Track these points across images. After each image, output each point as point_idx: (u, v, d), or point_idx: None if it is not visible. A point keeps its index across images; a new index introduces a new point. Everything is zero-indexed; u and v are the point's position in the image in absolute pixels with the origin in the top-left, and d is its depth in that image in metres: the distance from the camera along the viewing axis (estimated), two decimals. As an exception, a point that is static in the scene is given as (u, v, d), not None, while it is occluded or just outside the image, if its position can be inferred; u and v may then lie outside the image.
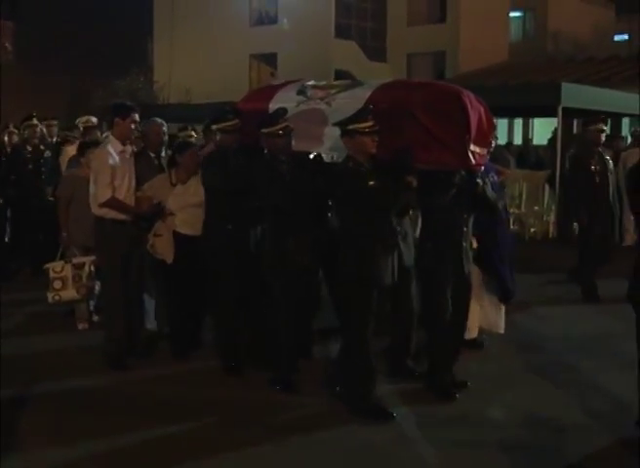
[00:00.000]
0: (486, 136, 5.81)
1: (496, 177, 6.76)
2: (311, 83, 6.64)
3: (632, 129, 14.93)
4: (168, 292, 6.89)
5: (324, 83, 6.90)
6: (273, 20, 32.08)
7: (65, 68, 34.66)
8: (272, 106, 6.33)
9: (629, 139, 16.00)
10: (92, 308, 7.75)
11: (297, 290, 5.98)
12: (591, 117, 9.40)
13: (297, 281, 5.95)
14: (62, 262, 7.16)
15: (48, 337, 7.27)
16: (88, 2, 34.05)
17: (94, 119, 10.25)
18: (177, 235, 6.61)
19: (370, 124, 5.39)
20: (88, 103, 27.20)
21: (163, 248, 6.63)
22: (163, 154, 7.17)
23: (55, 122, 11.31)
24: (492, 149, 6.14)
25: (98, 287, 7.22)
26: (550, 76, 22.50)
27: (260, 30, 31.88)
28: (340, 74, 29.93)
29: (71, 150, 9.32)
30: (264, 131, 5.94)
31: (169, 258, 6.60)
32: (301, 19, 29.88)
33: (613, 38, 39.89)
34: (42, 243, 9.84)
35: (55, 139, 10.89)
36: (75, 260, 7.16)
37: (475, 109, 5.62)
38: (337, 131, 5.62)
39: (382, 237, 5.43)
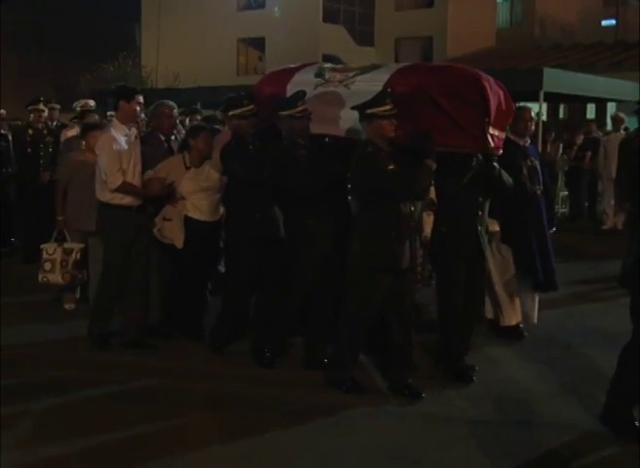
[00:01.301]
0: (505, 119, 5.79)
1: (537, 162, 6.73)
2: (329, 65, 6.60)
3: (613, 113, 15.04)
4: (174, 276, 6.77)
5: (342, 66, 6.82)
6: (261, 5, 32.02)
7: (52, 53, 34.61)
8: (290, 89, 6.23)
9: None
10: (77, 296, 7.74)
11: (317, 275, 5.94)
12: None
13: (317, 266, 5.92)
14: (56, 244, 7.13)
15: (35, 326, 7.20)
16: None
17: (91, 102, 10.21)
18: (188, 220, 6.49)
19: (389, 107, 5.33)
20: (75, 88, 27.12)
21: (172, 232, 6.52)
22: (173, 138, 7.08)
23: (57, 106, 11.19)
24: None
25: (82, 276, 7.23)
26: (537, 62, 22.61)
27: (248, 15, 31.83)
28: (328, 59, 30.01)
29: (70, 133, 9.32)
30: (283, 113, 5.88)
31: (179, 243, 6.48)
32: (290, 4, 29.87)
33: (600, 23, 39.94)
34: (34, 228, 9.78)
35: (55, 123, 10.85)
36: (66, 245, 7.12)
37: (494, 93, 5.57)
38: (355, 114, 5.55)
39: (400, 220, 5.37)
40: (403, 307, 5.54)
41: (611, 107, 20.60)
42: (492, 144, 5.57)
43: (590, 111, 21.03)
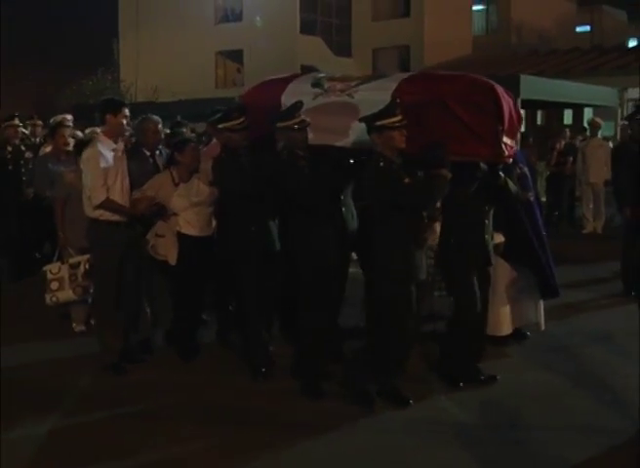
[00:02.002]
0: (515, 127, 5.74)
1: (526, 168, 6.68)
2: (324, 75, 6.44)
3: (590, 119, 15.16)
4: (169, 292, 6.69)
5: (339, 75, 6.68)
6: (238, 18, 32.11)
7: (31, 68, 34.53)
8: (285, 100, 6.12)
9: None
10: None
11: (320, 287, 5.80)
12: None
13: (321, 278, 5.77)
14: (59, 263, 6.95)
15: (45, 344, 7.10)
16: (53, 1, 33.89)
17: (69, 117, 10.16)
18: (180, 236, 6.39)
19: (399, 118, 5.23)
20: (54, 103, 27.09)
21: (166, 249, 6.43)
22: (158, 153, 6.92)
23: (40, 122, 11.07)
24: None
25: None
26: (513, 69, 22.74)
27: (226, 28, 31.92)
28: (305, 70, 30.12)
29: (47, 149, 9.22)
30: (280, 124, 5.75)
31: (172, 260, 6.40)
32: (267, 16, 29.99)
33: (575, 30, 40.32)
34: (23, 245, 9.61)
35: (38, 139, 10.72)
36: (71, 260, 6.94)
37: (506, 101, 5.52)
38: (362, 123, 5.45)
39: (418, 232, 5.38)
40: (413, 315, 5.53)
41: (588, 113, 20.81)
42: (506, 153, 5.52)
43: (568, 117, 21.23)
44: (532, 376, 6.16)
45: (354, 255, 6.52)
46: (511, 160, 5.80)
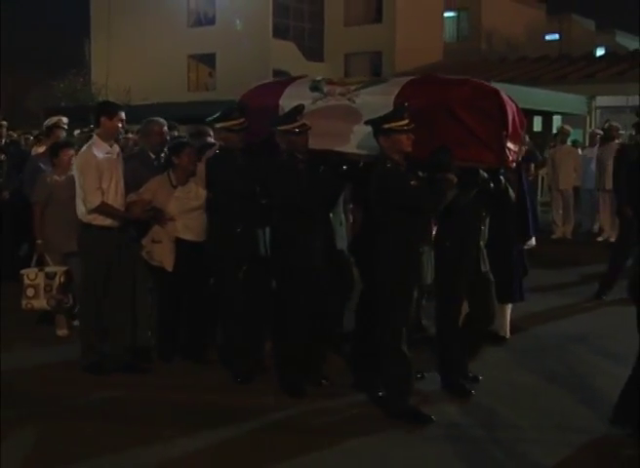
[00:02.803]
0: (518, 133, 5.65)
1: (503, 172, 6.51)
2: (321, 78, 6.33)
3: (559, 126, 15.38)
4: (163, 300, 6.47)
5: (338, 79, 6.53)
6: (211, 21, 32.14)
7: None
8: (283, 103, 6.04)
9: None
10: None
11: (310, 292, 5.72)
12: None
13: (311, 283, 5.70)
14: (37, 270, 6.81)
15: (26, 349, 6.94)
16: (24, 2, 33.69)
17: (64, 119, 10.03)
18: (179, 241, 6.22)
19: (406, 122, 5.18)
20: (23, 104, 26.92)
21: (162, 254, 6.23)
22: (163, 155, 6.71)
23: (4, 123, 11.01)
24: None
25: (67, 300, 6.87)
26: (484, 76, 22.90)
27: (199, 31, 31.92)
28: (278, 74, 30.20)
29: (39, 150, 9.10)
30: (281, 128, 5.68)
31: (169, 266, 6.21)
32: (239, 20, 30.02)
33: (544, 38, 40.78)
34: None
35: (4, 141, 10.67)
36: (48, 269, 6.80)
37: (510, 106, 5.47)
38: (364, 128, 5.41)
39: (423, 236, 5.33)
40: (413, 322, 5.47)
41: (557, 120, 21.05)
42: (510, 158, 5.48)
43: (537, 124, 21.45)
44: (510, 377, 6.24)
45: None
46: (514, 165, 5.75)
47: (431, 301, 6.37)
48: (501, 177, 5.68)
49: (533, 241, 7.18)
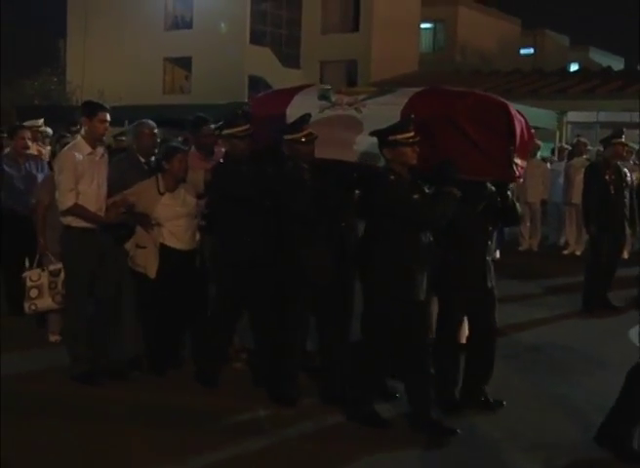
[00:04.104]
0: (526, 147, 5.60)
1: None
2: (329, 87, 6.28)
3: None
4: (146, 307, 6.33)
5: (346, 89, 6.55)
6: (188, 25, 32.13)
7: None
8: (290, 112, 5.99)
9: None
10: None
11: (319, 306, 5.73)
12: (616, 131, 9.39)
13: (319, 295, 5.69)
14: (39, 270, 6.64)
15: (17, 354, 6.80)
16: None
17: (40, 121, 9.90)
18: (163, 248, 6.09)
19: (411, 134, 5.14)
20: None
21: (146, 260, 6.10)
22: (153, 158, 6.59)
23: None
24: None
25: None
26: (457, 87, 23.18)
27: (175, 34, 31.88)
28: (253, 79, 30.29)
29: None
30: (287, 137, 5.65)
31: (152, 272, 6.08)
32: (216, 25, 30.06)
33: (519, 52, 41.19)
34: None
35: None
36: (52, 267, 6.61)
37: (518, 121, 5.41)
38: (369, 138, 5.38)
39: (422, 251, 5.26)
40: (415, 340, 5.36)
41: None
42: (517, 173, 5.41)
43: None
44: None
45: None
46: (521, 180, 5.76)
47: None
48: (509, 193, 5.64)
49: (497, 253, 7.26)
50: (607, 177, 9.03)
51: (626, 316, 8.71)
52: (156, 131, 6.64)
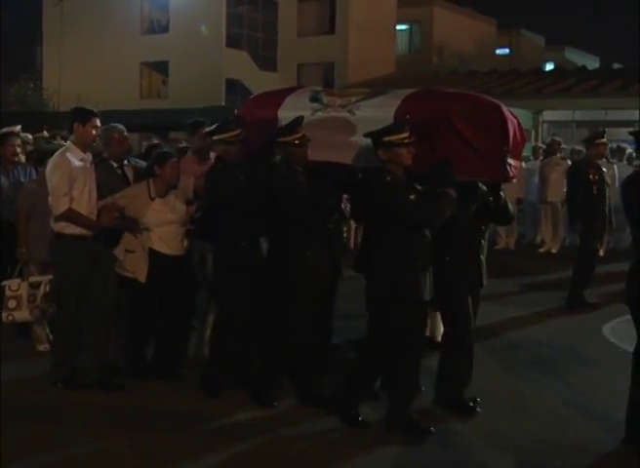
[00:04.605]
0: (519, 148, 5.62)
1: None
2: (321, 89, 6.29)
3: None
4: (134, 313, 6.28)
5: (338, 90, 6.52)
6: (164, 29, 32.13)
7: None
8: (282, 114, 5.95)
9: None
10: (47, 329, 7.11)
11: (314, 307, 5.71)
12: (598, 131, 9.55)
13: (315, 298, 5.69)
14: (19, 280, 6.49)
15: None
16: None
17: (17, 128, 9.81)
18: (152, 252, 6.06)
19: (407, 135, 5.14)
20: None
21: (135, 265, 6.07)
22: (126, 162, 6.56)
23: None
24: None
25: (53, 309, 6.45)
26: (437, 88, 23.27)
27: (152, 39, 31.89)
28: (231, 83, 30.34)
29: None
30: (281, 140, 5.63)
31: (142, 277, 6.04)
32: (193, 29, 30.07)
33: (495, 52, 41.42)
34: None
35: None
36: (32, 279, 6.47)
37: (511, 122, 5.41)
38: (363, 140, 5.37)
39: (424, 250, 5.25)
40: (415, 340, 5.36)
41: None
42: (511, 173, 5.42)
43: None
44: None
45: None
46: (515, 180, 5.70)
47: None
48: (501, 193, 5.66)
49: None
50: (591, 177, 9.10)
51: (602, 312, 8.87)
52: (126, 134, 6.58)
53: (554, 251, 13.55)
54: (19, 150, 7.89)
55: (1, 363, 6.42)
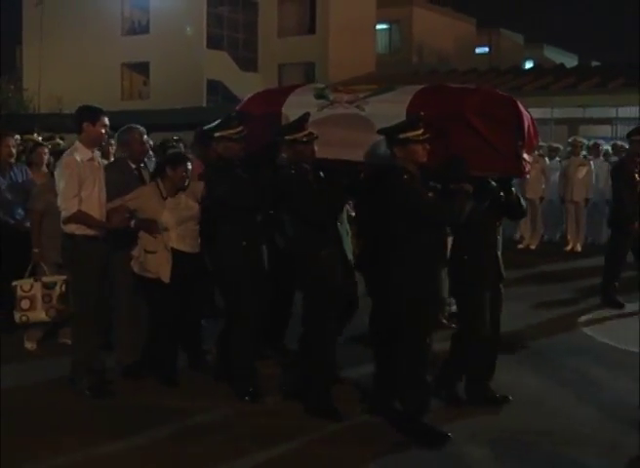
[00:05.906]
0: (533, 143, 5.55)
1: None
2: (325, 86, 6.23)
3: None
4: (156, 313, 6.15)
5: (344, 86, 6.44)
6: (145, 30, 32.11)
7: None
8: (286, 111, 5.87)
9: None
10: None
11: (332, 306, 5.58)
12: (636, 127, 9.17)
13: (332, 296, 5.54)
14: (32, 280, 6.34)
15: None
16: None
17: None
18: (174, 252, 5.96)
19: (422, 131, 5.06)
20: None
21: (158, 265, 5.95)
22: (143, 165, 6.48)
23: None
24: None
25: (70, 308, 6.25)
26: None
27: (132, 40, 31.85)
28: (212, 84, 30.38)
29: None
30: (288, 137, 5.49)
31: (165, 277, 5.93)
32: (173, 30, 30.09)
33: (474, 51, 41.61)
34: None
35: None
36: (45, 279, 6.32)
37: (526, 116, 5.35)
38: (375, 136, 5.31)
39: (443, 248, 5.27)
40: (424, 338, 5.25)
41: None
42: (525, 168, 5.38)
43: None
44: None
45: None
46: (528, 175, 5.76)
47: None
48: (513, 188, 5.60)
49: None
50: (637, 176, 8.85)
51: (579, 306, 9.04)
52: (146, 136, 6.51)
53: (533, 246, 13.75)
54: (14, 151, 7.84)
55: (1, 364, 6.36)
